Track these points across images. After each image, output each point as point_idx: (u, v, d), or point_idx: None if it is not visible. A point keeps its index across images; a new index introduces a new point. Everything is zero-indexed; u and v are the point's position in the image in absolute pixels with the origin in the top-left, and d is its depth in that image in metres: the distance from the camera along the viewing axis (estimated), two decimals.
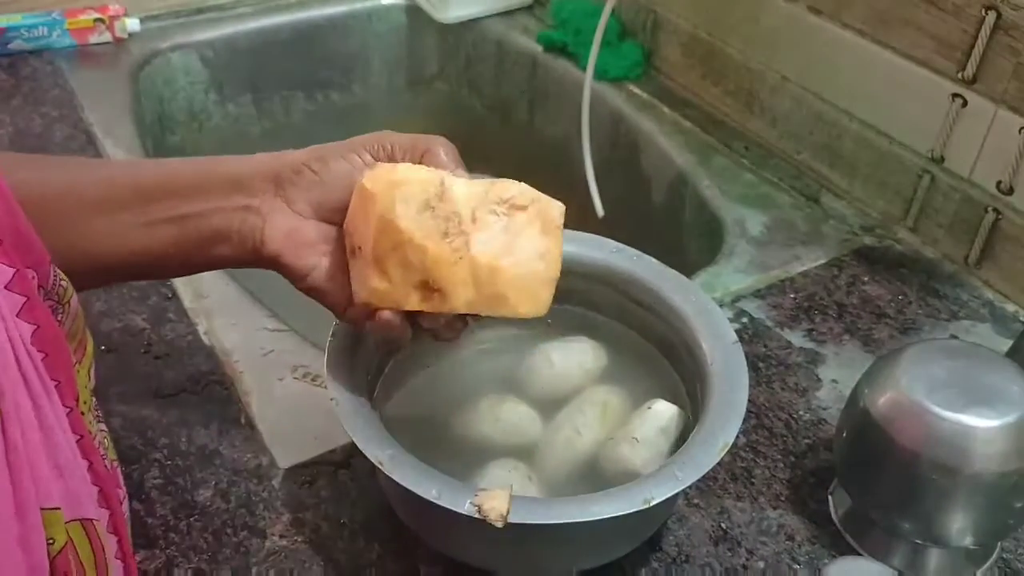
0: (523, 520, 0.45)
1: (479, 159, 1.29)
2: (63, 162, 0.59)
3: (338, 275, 0.49)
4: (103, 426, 0.44)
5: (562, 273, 0.51)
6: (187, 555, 0.55)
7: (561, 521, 0.46)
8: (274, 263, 0.50)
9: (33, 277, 0.37)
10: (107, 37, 1.10)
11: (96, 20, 1.09)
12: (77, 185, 0.50)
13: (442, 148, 0.50)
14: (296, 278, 0.50)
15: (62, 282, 0.41)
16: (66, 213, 0.49)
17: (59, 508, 0.35)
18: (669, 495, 0.47)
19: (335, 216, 0.50)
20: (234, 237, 0.49)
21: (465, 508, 0.45)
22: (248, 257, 0.50)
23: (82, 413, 0.39)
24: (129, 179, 0.51)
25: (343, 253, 0.50)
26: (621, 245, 0.62)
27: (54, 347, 0.37)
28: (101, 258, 0.50)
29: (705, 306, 0.58)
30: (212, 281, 0.75)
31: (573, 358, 0.60)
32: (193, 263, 0.52)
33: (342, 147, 0.50)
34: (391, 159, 0.50)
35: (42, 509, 0.34)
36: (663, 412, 0.55)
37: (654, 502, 0.46)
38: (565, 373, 0.59)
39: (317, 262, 0.49)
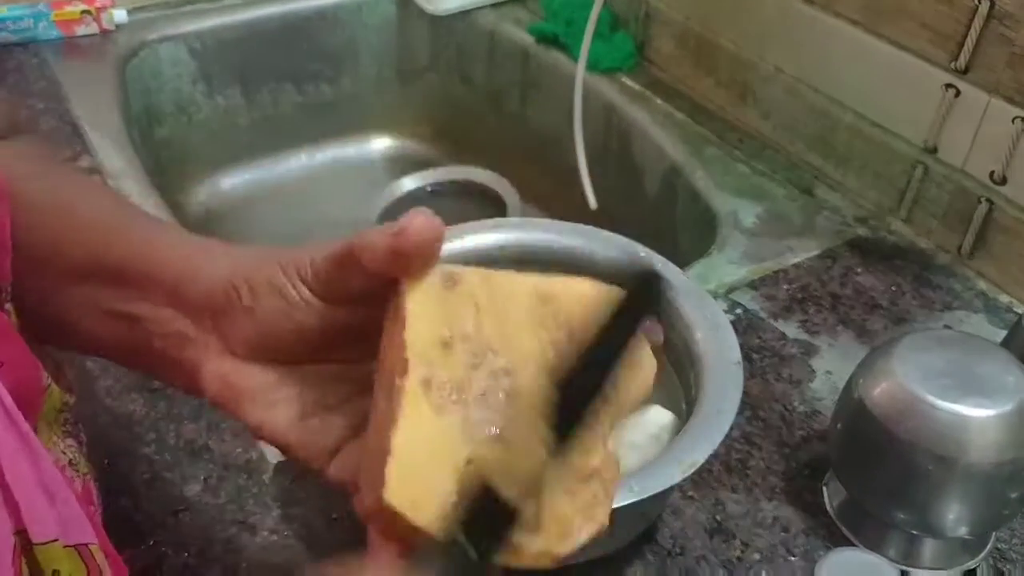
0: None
1: (471, 151, 1.29)
2: (58, 192, 0.45)
3: (299, 428, 0.37)
4: (71, 441, 0.42)
5: (581, 271, 0.45)
6: (176, 550, 0.54)
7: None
8: (224, 411, 0.38)
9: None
10: (94, 29, 1.09)
11: (83, 12, 1.08)
12: (61, 236, 0.41)
13: (376, 236, 0.33)
14: (252, 431, 0.38)
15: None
16: (48, 265, 0.40)
17: (57, 539, 0.34)
18: (618, 504, 0.46)
19: (280, 356, 0.37)
20: (177, 368, 0.39)
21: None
22: (202, 396, 0.39)
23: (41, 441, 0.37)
24: (100, 251, 0.40)
25: (295, 401, 0.37)
26: (649, 251, 0.61)
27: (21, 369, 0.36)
28: (76, 331, 0.41)
29: (717, 321, 0.57)
30: None
31: None
32: (160, 378, 0.43)
33: (268, 271, 0.36)
34: (319, 282, 0.36)
35: (38, 544, 0.33)
36: (657, 419, 0.54)
37: None
38: None
39: (265, 415, 0.37)
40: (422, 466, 0.32)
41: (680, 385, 0.58)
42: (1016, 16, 0.71)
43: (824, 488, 0.60)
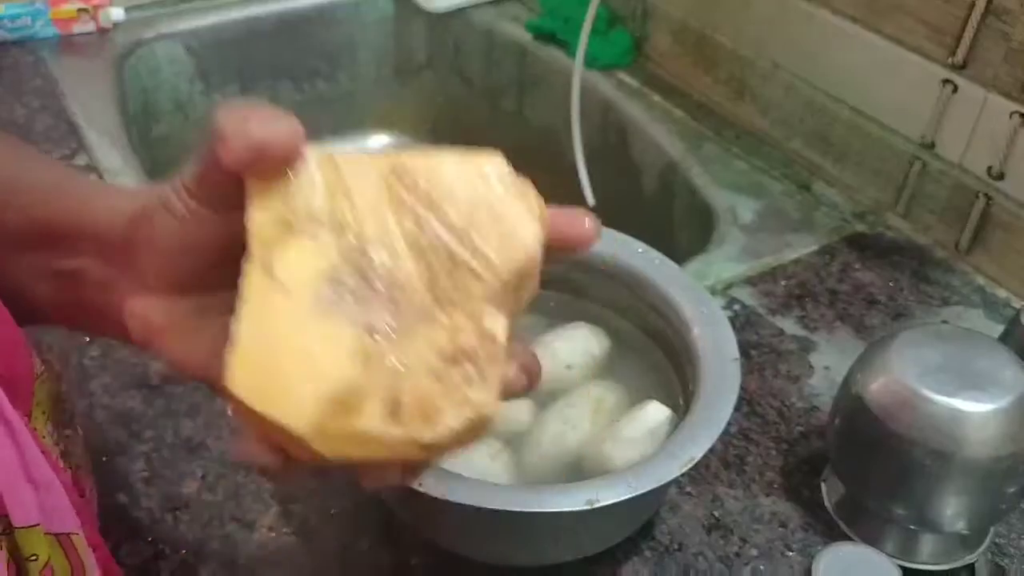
0: (460, 500, 0.45)
1: (469, 149, 1.28)
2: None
3: (217, 360, 0.34)
4: (67, 431, 0.42)
5: (579, 268, 0.44)
6: (174, 547, 0.54)
7: (494, 507, 0.45)
8: (150, 354, 0.38)
9: None
10: (91, 27, 1.08)
11: (80, 10, 1.07)
12: (8, 208, 0.41)
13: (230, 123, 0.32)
14: (174, 367, 0.38)
15: None
16: None
17: (39, 524, 0.34)
18: (614, 500, 0.46)
19: (191, 283, 0.37)
20: (106, 317, 0.39)
21: None
22: (127, 340, 0.38)
23: (34, 428, 0.38)
24: (30, 213, 0.40)
25: (215, 330, 0.35)
26: (646, 247, 0.61)
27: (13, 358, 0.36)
28: (25, 298, 0.40)
29: (714, 317, 0.57)
30: None
31: (577, 345, 0.59)
32: (100, 333, 0.43)
33: (158, 191, 0.36)
34: (202, 189, 0.35)
35: (19, 528, 0.33)
36: (654, 414, 0.54)
37: (598, 504, 0.45)
38: (569, 360, 0.59)
39: (184, 348, 0.37)
40: (270, 354, 0.31)
41: (677, 381, 0.58)
42: (1013, 11, 0.71)
43: (822, 484, 0.60)
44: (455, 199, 0.33)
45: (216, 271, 0.35)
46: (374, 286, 0.32)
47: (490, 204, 0.34)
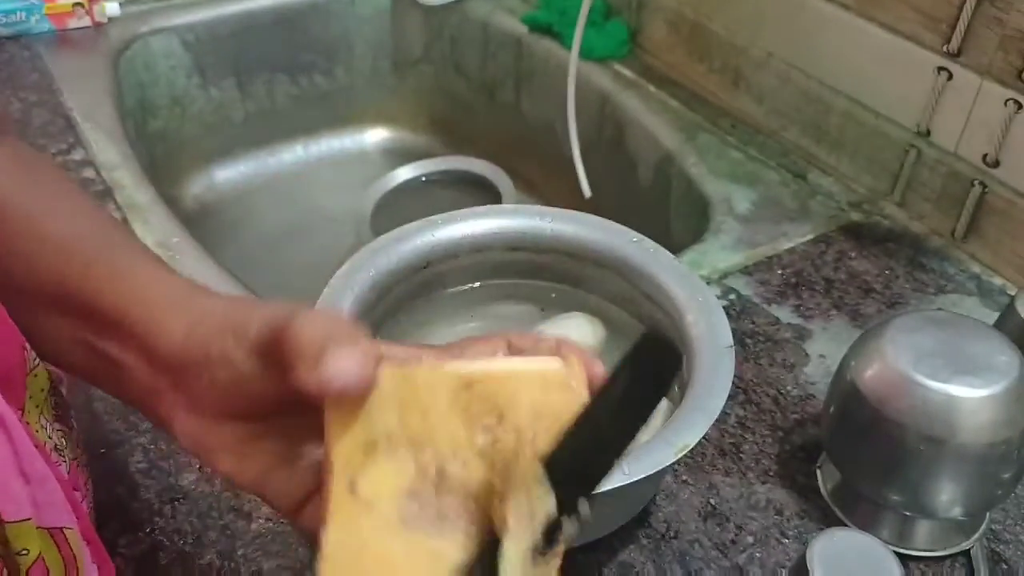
0: None
1: (466, 141, 1.29)
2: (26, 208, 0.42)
3: (271, 479, 0.37)
4: (60, 425, 0.42)
5: (574, 257, 0.45)
6: (172, 539, 0.54)
7: None
8: None
9: None
10: (86, 22, 1.08)
11: (75, 5, 1.07)
12: (39, 262, 0.40)
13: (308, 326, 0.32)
14: (226, 481, 0.40)
15: None
16: (18, 288, 0.39)
17: (30, 519, 0.34)
18: (609, 487, 0.46)
19: (236, 413, 0.37)
20: (152, 417, 0.39)
21: None
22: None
23: (27, 423, 0.37)
24: (71, 286, 0.39)
25: (267, 454, 0.37)
26: (641, 236, 0.61)
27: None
28: (55, 353, 0.40)
29: (709, 305, 0.57)
30: (198, 267, 0.74)
31: (573, 334, 0.59)
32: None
33: (221, 344, 0.35)
34: (264, 356, 0.35)
35: (10, 523, 0.33)
36: None
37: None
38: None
39: (237, 469, 0.37)
40: (357, 565, 0.33)
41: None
42: None
43: (818, 471, 0.61)
44: (519, 409, 0.35)
45: (266, 410, 0.36)
46: (449, 498, 0.34)
47: (555, 410, 0.35)
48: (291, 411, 0.35)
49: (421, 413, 0.35)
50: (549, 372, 0.36)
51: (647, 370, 0.35)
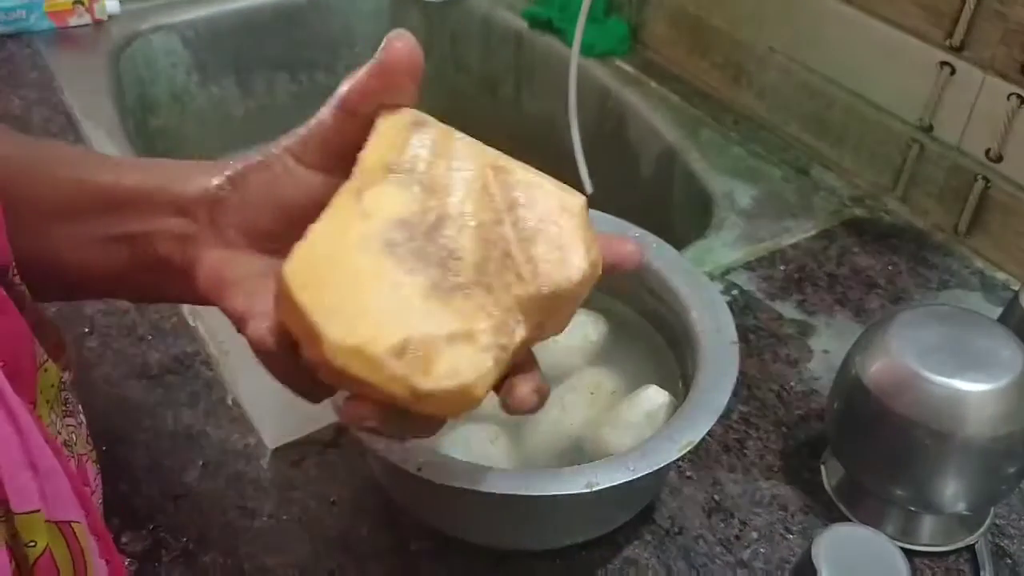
0: (460, 484, 0.45)
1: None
2: (28, 146, 0.47)
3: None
4: (70, 420, 0.42)
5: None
6: (176, 535, 0.54)
7: (493, 491, 0.45)
8: (212, 304, 0.40)
9: None
10: (86, 19, 1.08)
11: (75, 2, 1.07)
12: (41, 181, 0.43)
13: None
14: (236, 322, 0.39)
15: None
16: (28, 213, 0.41)
17: (39, 510, 0.34)
18: (613, 484, 0.46)
19: (268, 239, 0.40)
20: (178, 270, 0.41)
21: None
22: (194, 296, 0.41)
23: (39, 416, 0.38)
24: (89, 183, 0.43)
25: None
26: (644, 231, 0.61)
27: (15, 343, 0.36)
28: (66, 270, 0.43)
29: (713, 301, 0.57)
30: None
31: (576, 330, 0.59)
32: (150, 294, 0.46)
33: (262, 152, 0.40)
34: (306, 146, 0.40)
35: (19, 514, 0.33)
36: (652, 398, 0.54)
37: (597, 487, 0.45)
38: (567, 346, 0.59)
39: (245, 304, 0.38)
40: (328, 261, 0.35)
41: (676, 365, 0.58)
42: None
43: (822, 466, 0.60)
44: (532, 210, 0.38)
45: (294, 232, 0.37)
46: (434, 247, 0.36)
47: (559, 229, 0.38)
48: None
49: (448, 166, 0.38)
50: (572, 199, 0.39)
51: None
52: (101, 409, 0.61)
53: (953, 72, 0.77)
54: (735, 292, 0.75)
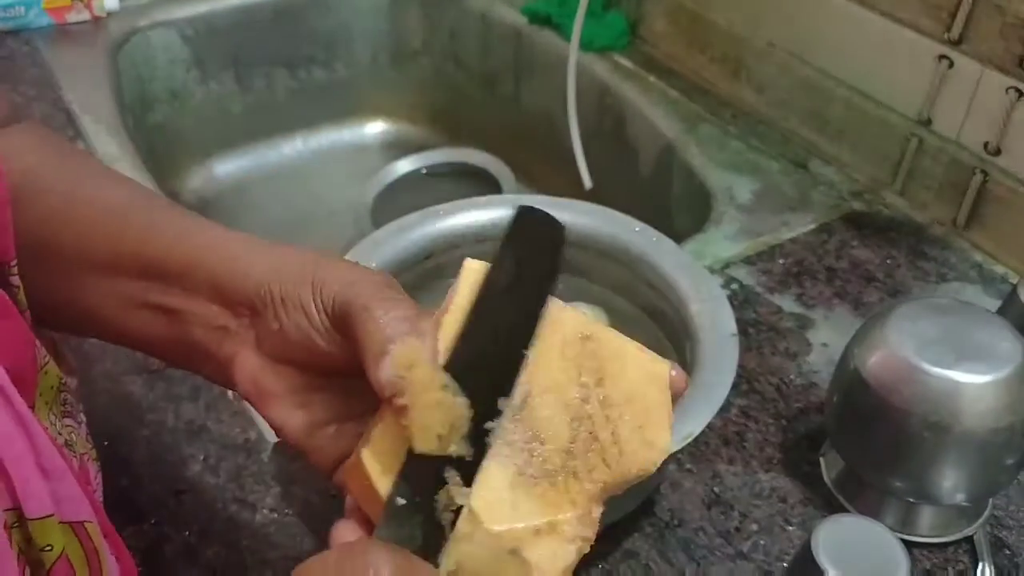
0: None
1: (466, 133, 1.29)
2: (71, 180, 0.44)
3: (316, 433, 0.39)
4: (69, 421, 0.42)
5: (576, 247, 0.46)
6: (177, 530, 0.55)
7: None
8: (252, 405, 0.41)
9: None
10: (85, 16, 1.08)
11: None
12: (92, 231, 0.41)
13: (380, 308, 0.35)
14: (272, 428, 0.40)
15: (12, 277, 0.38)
16: (65, 257, 0.41)
17: (53, 515, 0.34)
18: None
19: (297, 361, 0.39)
20: (212, 359, 0.40)
21: None
22: (231, 387, 0.41)
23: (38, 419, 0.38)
24: (135, 241, 0.41)
25: (317, 407, 0.39)
26: (644, 225, 0.61)
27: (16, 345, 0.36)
28: (106, 324, 0.42)
29: (712, 294, 0.57)
30: None
31: None
32: (188, 367, 0.44)
33: (301, 290, 0.38)
34: (334, 324, 0.37)
35: (33, 519, 0.33)
36: None
37: None
38: None
39: (287, 417, 0.39)
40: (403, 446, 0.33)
41: (676, 358, 0.59)
42: None
43: (821, 459, 0.61)
44: (619, 385, 0.36)
45: (326, 367, 0.37)
46: (519, 430, 0.34)
47: (645, 406, 0.36)
48: (353, 373, 0.36)
49: (539, 336, 0.36)
50: (658, 367, 0.37)
51: (531, 248, 0.36)
52: (102, 405, 0.61)
53: (951, 66, 0.77)
54: (734, 286, 0.75)
